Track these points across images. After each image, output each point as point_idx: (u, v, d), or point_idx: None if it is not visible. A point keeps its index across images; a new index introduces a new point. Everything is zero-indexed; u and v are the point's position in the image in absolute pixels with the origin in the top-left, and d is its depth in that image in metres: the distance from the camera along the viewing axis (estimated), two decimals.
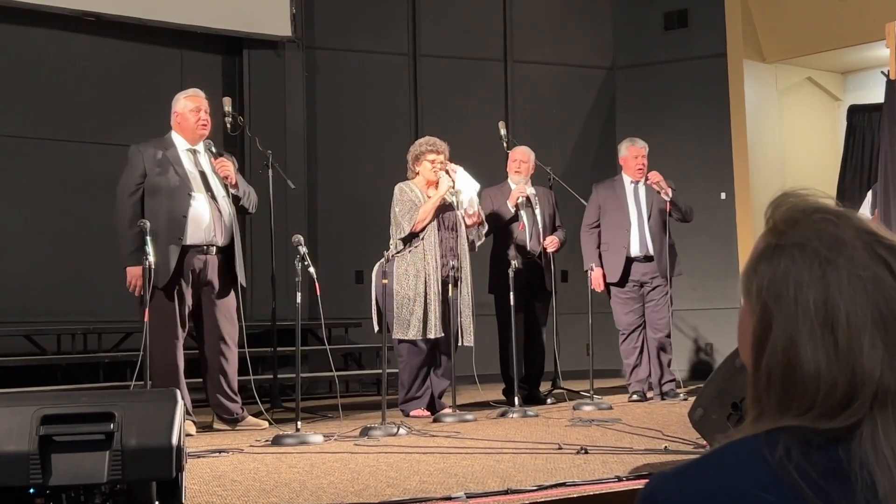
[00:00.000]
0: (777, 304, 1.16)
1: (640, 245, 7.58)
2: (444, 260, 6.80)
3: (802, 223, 1.18)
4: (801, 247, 1.17)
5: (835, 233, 1.17)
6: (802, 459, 1.12)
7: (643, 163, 7.68)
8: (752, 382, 1.20)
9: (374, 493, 3.64)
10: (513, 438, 5.34)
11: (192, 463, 4.13)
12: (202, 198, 5.96)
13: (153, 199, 5.90)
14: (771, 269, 1.18)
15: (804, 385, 1.14)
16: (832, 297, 1.14)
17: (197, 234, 5.93)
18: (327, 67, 9.95)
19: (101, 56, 9.06)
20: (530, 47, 10.56)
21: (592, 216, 7.76)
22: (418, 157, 6.96)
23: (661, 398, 7.53)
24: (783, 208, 1.21)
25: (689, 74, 10.34)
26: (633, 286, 7.60)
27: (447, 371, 6.83)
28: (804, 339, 1.14)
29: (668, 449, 4.74)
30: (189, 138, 6.09)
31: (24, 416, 3.08)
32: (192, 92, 6.24)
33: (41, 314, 8.47)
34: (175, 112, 6.14)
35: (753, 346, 1.19)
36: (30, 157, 8.64)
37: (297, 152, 9.60)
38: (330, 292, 6.12)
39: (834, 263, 1.15)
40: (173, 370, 5.83)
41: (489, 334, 7.63)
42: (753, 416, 1.21)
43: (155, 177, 5.91)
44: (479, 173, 8.89)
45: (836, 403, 1.13)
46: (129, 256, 5.76)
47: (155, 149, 6.00)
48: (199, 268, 5.96)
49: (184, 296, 5.90)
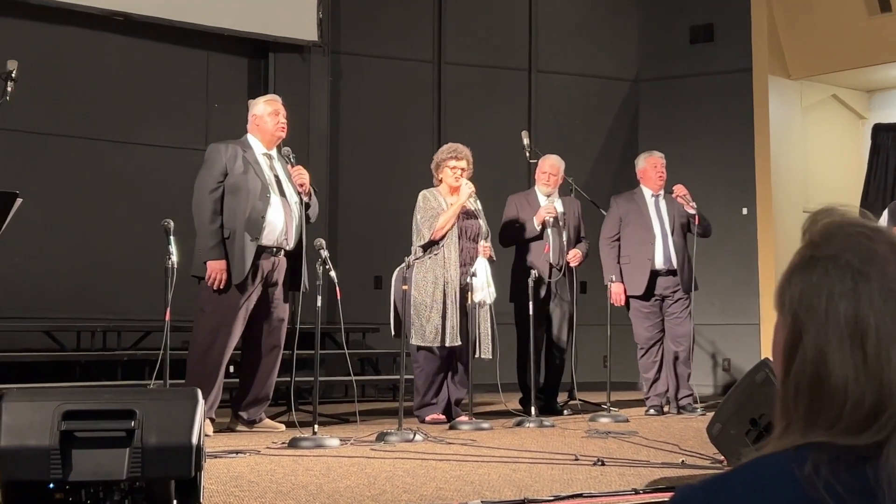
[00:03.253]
0: (808, 315, 1.17)
1: (664, 258, 7.54)
2: (464, 269, 6.80)
3: (837, 237, 1.19)
4: (835, 259, 1.17)
5: (869, 246, 1.17)
6: (831, 477, 1.12)
7: (662, 172, 7.66)
8: (781, 393, 1.20)
9: (390, 498, 3.64)
10: (529, 448, 5.33)
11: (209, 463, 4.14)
12: (278, 201, 6.05)
13: (233, 198, 5.98)
14: (804, 280, 1.18)
15: (832, 397, 1.14)
16: (862, 310, 1.14)
17: (271, 236, 6.02)
18: (352, 73, 9.98)
19: (128, 56, 9.11)
20: (555, 58, 10.56)
21: (613, 229, 7.72)
22: (440, 165, 6.97)
23: (678, 412, 7.50)
24: (821, 223, 1.22)
25: (713, 89, 10.32)
26: (655, 300, 7.56)
27: (464, 379, 6.83)
28: (833, 351, 1.14)
29: (686, 463, 4.73)
30: (265, 141, 6.18)
31: (46, 410, 3.10)
32: (272, 97, 6.39)
33: (61, 311, 8.52)
34: (253, 115, 6.22)
35: (783, 356, 1.20)
36: (55, 154, 8.69)
37: (320, 156, 9.63)
38: (348, 297, 6.13)
39: (866, 276, 1.15)
40: (217, 363, 5.89)
41: (507, 343, 7.62)
42: (781, 427, 1.21)
43: (236, 176, 6.00)
44: (501, 182, 8.92)
45: (863, 417, 1.13)
46: (210, 251, 5.88)
47: (235, 149, 6.08)
48: (269, 269, 6.05)
49: (250, 295, 5.97)
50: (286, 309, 6.22)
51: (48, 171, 8.61)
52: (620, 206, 7.73)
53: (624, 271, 7.62)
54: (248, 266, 5.92)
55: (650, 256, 7.52)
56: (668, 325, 7.59)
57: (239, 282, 5.91)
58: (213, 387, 5.82)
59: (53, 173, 8.65)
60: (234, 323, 5.94)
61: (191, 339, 6.05)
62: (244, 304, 5.96)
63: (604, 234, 7.76)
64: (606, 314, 7.47)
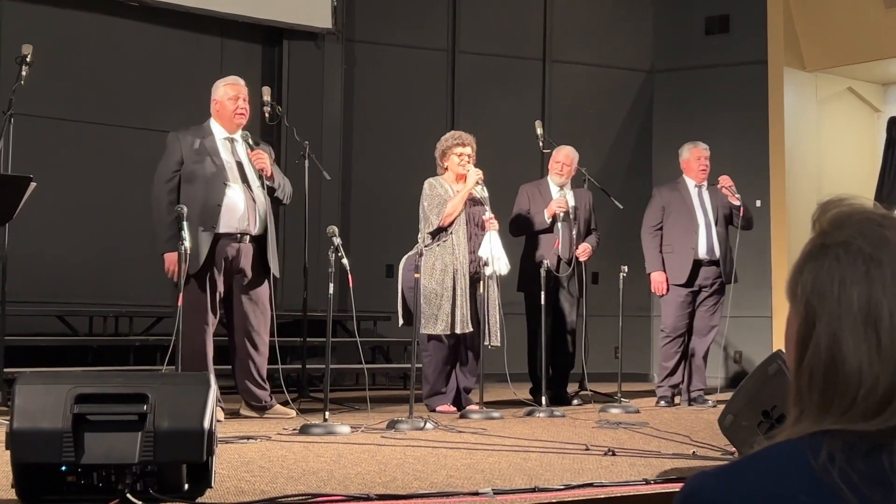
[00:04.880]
0: (821, 302, 1.17)
1: (707, 247, 7.50)
2: (472, 256, 6.80)
3: (848, 224, 1.19)
4: (846, 245, 1.17)
5: (880, 232, 1.18)
6: (846, 465, 1.11)
7: (706, 164, 7.62)
8: (794, 382, 1.20)
9: (401, 485, 3.65)
10: (539, 437, 5.33)
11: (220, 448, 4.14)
12: (237, 187, 5.99)
13: (189, 187, 5.93)
14: (815, 268, 1.19)
15: (846, 382, 1.14)
16: (875, 295, 1.14)
17: (231, 223, 5.96)
18: (366, 61, 9.97)
19: (142, 42, 9.12)
20: (569, 48, 10.54)
21: (656, 218, 7.66)
22: (445, 153, 6.95)
23: (689, 404, 7.49)
24: (830, 212, 1.22)
25: (728, 80, 10.28)
26: (693, 292, 7.51)
27: (473, 368, 6.83)
28: (847, 337, 1.14)
29: (697, 454, 4.72)
30: (227, 126, 6.11)
31: (58, 394, 3.11)
32: (232, 80, 6.26)
33: (74, 296, 8.55)
34: (214, 99, 6.17)
35: (797, 345, 1.20)
36: (69, 139, 8.71)
37: (333, 144, 9.63)
38: (360, 285, 6.13)
39: (878, 261, 1.16)
40: (202, 356, 5.87)
41: (518, 333, 7.62)
42: (794, 415, 1.21)
43: (192, 164, 5.95)
44: (514, 172, 8.90)
45: (877, 401, 1.13)
46: (166, 243, 5.78)
47: (193, 136, 6.02)
48: (232, 256, 5.99)
49: (215, 283, 5.94)
50: (263, 293, 6.11)
51: (62, 157, 8.63)
52: (664, 196, 7.70)
53: (666, 260, 7.59)
54: (204, 255, 5.83)
55: (693, 245, 7.48)
56: (697, 316, 7.56)
57: (195, 271, 5.81)
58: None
59: (67, 159, 8.67)
60: (205, 312, 5.87)
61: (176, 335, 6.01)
62: (210, 293, 5.90)
63: (646, 223, 7.70)
64: (618, 305, 7.45)
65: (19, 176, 5.45)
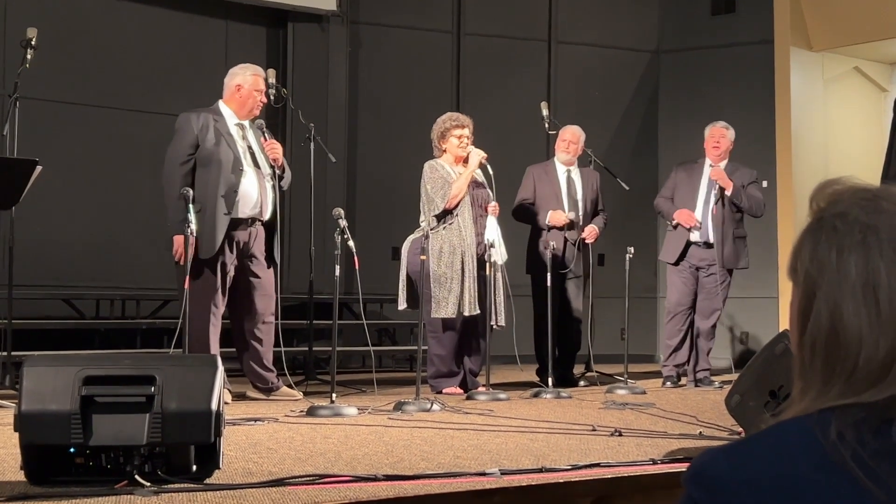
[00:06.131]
0: (820, 272, 1.18)
1: (700, 231, 7.49)
2: (479, 238, 6.80)
3: (844, 198, 1.22)
4: (843, 216, 1.19)
5: (875, 202, 1.20)
6: (856, 442, 1.12)
7: (719, 142, 7.59)
8: (797, 353, 1.22)
9: (408, 465, 3.66)
10: (546, 418, 5.34)
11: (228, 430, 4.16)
12: (252, 172, 6.01)
13: (205, 170, 5.91)
14: (813, 240, 1.21)
15: (847, 349, 1.15)
16: (873, 261, 1.16)
17: (245, 208, 5.97)
18: (371, 43, 9.95)
19: (147, 24, 9.11)
20: (575, 28, 10.50)
21: (668, 192, 7.74)
22: (444, 135, 6.92)
23: (695, 385, 7.50)
24: (826, 191, 1.24)
25: (734, 60, 10.24)
26: (690, 268, 7.52)
27: (481, 350, 6.83)
28: (847, 304, 1.16)
29: (703, 435, 4.73)
30: (239, 113, 6.10)
31: (67, 376, 3.12)
32: (259, 70, 6.22)
33: (81, 279, 8.56)
34: (238, 84, 6.10)
35: (798, 317, 1.21)
36: (74, 123, 8.71)
37: (338, 126, 9.62)
38: (366, 267, 6.13)
39: (874, 228, 1.17)
40: (208, 339, 5.88)
41: (524, 315, 7.62)
42: (799, 388, 1.22)
43: (208, 148, 5.92)
44: (520, 154, 8.89)
45: (878, 366, 1.14)
46: (178, 225, 5.76)
47: (206, 119, 5.99)
48: (245, 240, 6.00)
49: (227, 267, 5.95)
50: (270, 277, 6.14)
51: (68, 140, 8.63)
52: (678, 175, 7.74)
53: (668, 235, 7.64)
54: (220, 240, 5.84)
55: (688, 227, 7.50)
56: (699, 297, 7.56)
57: (210, 255, 5.83)
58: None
59: (73, 142, 8.67)
60: (215, 297, 5.89)
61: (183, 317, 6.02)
62: (221, 277, 5.90)
63: (659, 194, 7.83)
64: (624, 286, 7.45)
65: (25, 159, 5.45)
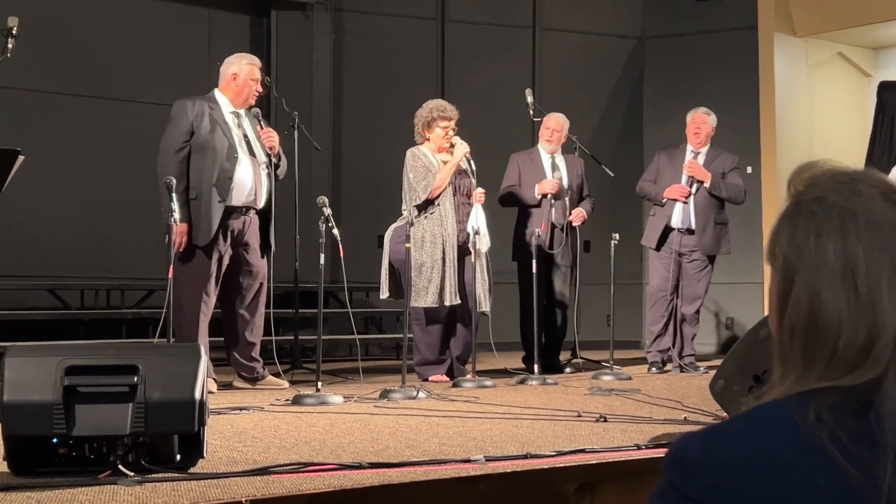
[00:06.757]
0: (798, 257, 1.18)
1: (682, 217, 7.50)
2: (460, 226, 6.79)
3: (821, 182, 1.21)
4: (820, 200, 1.19)
5: (853, 186, 1.19)
6: (834, 424, 1.12)
7: (699, 128, 7.61)
8: (777, 339, 1.22)
9: (393, 453, 3.65)
10: (532, 405, 5.35)
11: (212, 419, 4.16)
12: (247, 160, 6.00)
13: (200, 158, 5.90)
14: (791, 225, 1.20)
15: (827, 333, 1.15)
16: (851, 245, 1.15)
17: (240, 196, 5.96)
18: (355, 30, 9.92)
19: (129, 13, 9.06)
20: (559, 15, 10.49)
21: (650, 175, 7.75)
22: (429, 124, 6.90)
23: (680, 370, 7.52)
24: (804, 175, 1.24)
25: (718, 46, 10.25)
26: (671, 253, 7.53)
27: (467, 337, 6.83)
28: (825, 288, 1.15)
29: (688, 420, 4.74)
30: (235, 102, 6.10)
31: (49, 366, 3.11)
32: (256, 60, 6.24)
33: (65, 269, 8.53)
34: (234, 73, 6.10)
35: (777, 302, 1.21)
36: (57, 112, 8.67)
37: (323, 115, 9.60)
38: (352, 255, 6.12)
39: (851, 212, 1.17)
40: (198, 327, 5.87)
41: (510, 302, 7.62)
42: (779, 374, 1.21)
43: (203, 135, 5.91)
44: (504, 141, 8.88)
45: (857, 351, 1.14)
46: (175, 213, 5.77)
47: (201, 106, 5.97)
48: (239, 229, 6.01)
49: (221, 256, 5.94)
50: (263, 267, 6.15)
51: (50, 130, 8.59)
52: (661, 159, 7.77)
53: (649, 221, 7.67)
54: (215, 227, 5.84)
55: (668, 213, 7.51)
56: (682, 284, 7.58)
57: (206, 243, 5.83)
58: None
59: (56, 131, 8.63)
60: (208, 285, 5.88)
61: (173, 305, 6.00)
62: (215, 266, 5.90)
63: (643, 177, 7.82)
64: (610, 273, 7.45)
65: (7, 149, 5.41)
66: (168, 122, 6.03)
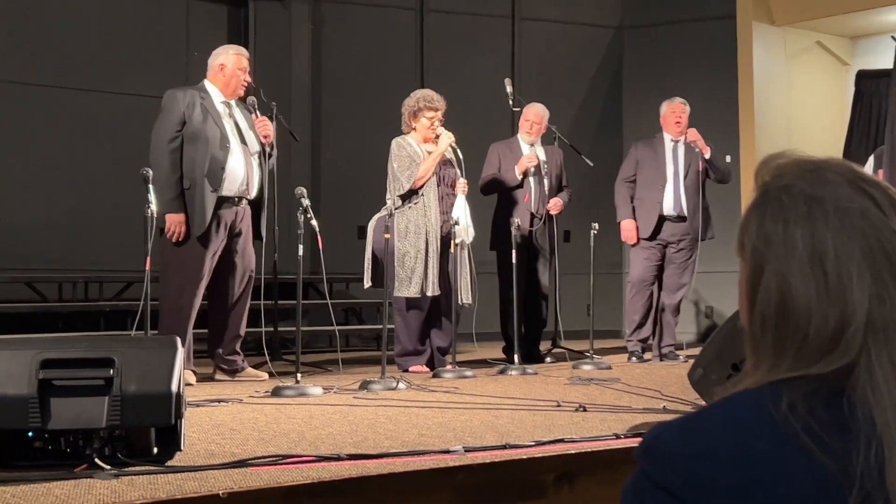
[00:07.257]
0: (767, 246, 1.18)
1: (673, 203, 7.52)
2: (444, 217, 6.78)
3: (788, 171, 1.21)
4: (787, 189, 1.19)
5: (819, 174, 1.19)
6: (807, 413, 1.11)
7: (680, 117, 7.63)
8: (748, 328, 1.22)
9: (372, 444, 3.65)
10: (511, 395, 5.34)
11: (191, 411, 4.14)
12: (238, 150, 5.98)
13: (192, 147, 5.88)
14: (759, 215, 1.20)
15: (797, 321, 1.15)
16: (819, 231, 1.15)
17: (232, 186, 5.95)
18: (334, 20, 9.88)
19: (106, 3, 9.00)
20: (538, 5, 10.48)
21: (629, 171, 7.71)
22: (416, 114, 6.88)
23: (660, 360, 7.54)
24: (770, 165, 1.24)
25: (697, 36, 10.26)
26: (659, 244, 7.55)
27: (448, 328, 6.82)
28: (795, 276, 1.15)
29: (667, 409, 4.75)
30: (225, 92, 6.08)
31: (23, 359, 3.08)
32: (243, 51, 6.25)
33: (42, 262, 8.48)
34: (221, 64, 6.09)
35: (748, 293, 1.21)
36: (32, 103, 8.60)
37: (302, 105, 9.56)
38: (332, 246, 6.11)
39: (819, 199, 1.17)
40: (186, 317, 5.86)
41: (490, 292, 7.62)
42: (751, 364, 1.22)
43: (195, 125, 5.89)
44: (484, 130, 8.87)
45: (828, 337, 1.13)
46: (169, 203, 5.76)
47: (192, 96, 5.96)
48: (231, 219, 5.99)
49: (213, 247, 5.93)
50: (253, 257, 6.15)
51: (26, 121, 8.53)
52: (639, 150, 7.74)
53: (637, 212, 7.65)
54: (209, 217, 5.83)
55: (659, 200, 7.52)
56: (666, 273, 7.59)
57: (200, 233, 5.83)
58: (183, 340, 5.78)
59: (32, 123, 8.57)
60: (201, 275, 5.88)
61: (160, 295, 5.97)
62: (209, 256, 5.89)
63: (620, 175, 7.77)
64: (590, 263, 7.46)
65: None
66: (159, 112, 6.01)
